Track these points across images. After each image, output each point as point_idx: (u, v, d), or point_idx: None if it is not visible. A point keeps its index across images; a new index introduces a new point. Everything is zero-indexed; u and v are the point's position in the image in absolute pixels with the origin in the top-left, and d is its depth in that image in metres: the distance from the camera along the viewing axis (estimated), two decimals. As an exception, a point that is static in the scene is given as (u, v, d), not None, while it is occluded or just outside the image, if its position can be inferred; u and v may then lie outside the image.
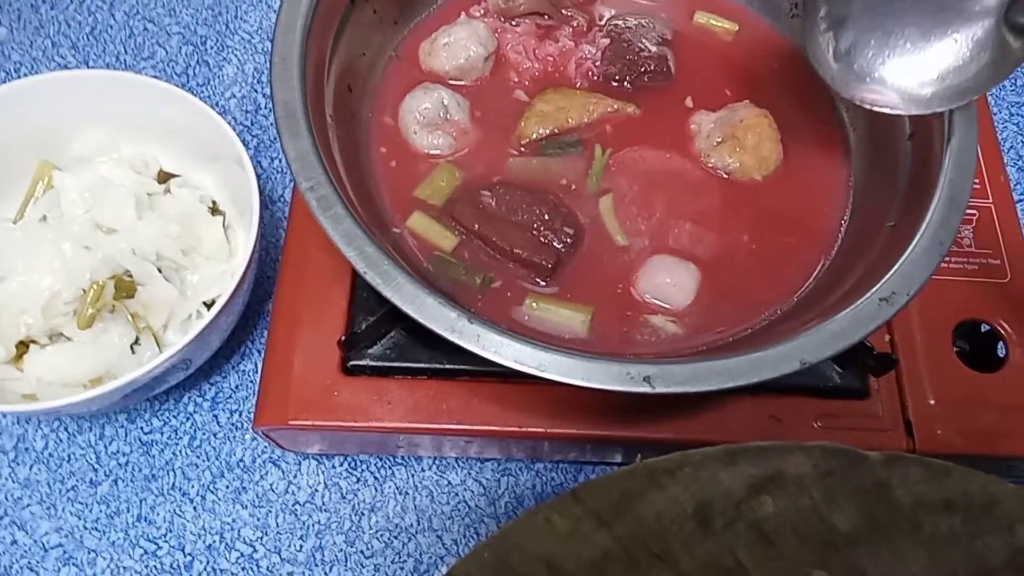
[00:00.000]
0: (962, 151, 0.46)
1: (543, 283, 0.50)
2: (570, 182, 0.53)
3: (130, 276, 0.57)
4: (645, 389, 0.38)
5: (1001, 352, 0.54)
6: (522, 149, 0.54)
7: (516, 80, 0.56)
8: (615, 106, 0.55)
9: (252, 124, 0.71)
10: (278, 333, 0.52)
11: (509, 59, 0.57)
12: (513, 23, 0.58)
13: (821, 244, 0.52)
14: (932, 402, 0.52)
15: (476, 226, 0.50)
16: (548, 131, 0.54)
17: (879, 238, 0.48)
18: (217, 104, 0.72)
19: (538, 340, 0.41)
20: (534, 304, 0.49)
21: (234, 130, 0.56)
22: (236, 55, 0.74)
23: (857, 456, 0.28)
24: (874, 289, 0.42)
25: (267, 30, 0.76)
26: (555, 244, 0.50)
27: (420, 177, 0.53)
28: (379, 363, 0.51)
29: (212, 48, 0.75)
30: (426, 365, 0.51)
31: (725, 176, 0.54)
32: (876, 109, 0.48)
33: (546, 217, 0.50)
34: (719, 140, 0.54)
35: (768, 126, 0.54)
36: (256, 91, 0.73)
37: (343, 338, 0.50)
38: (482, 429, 0.50)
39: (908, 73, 0.47)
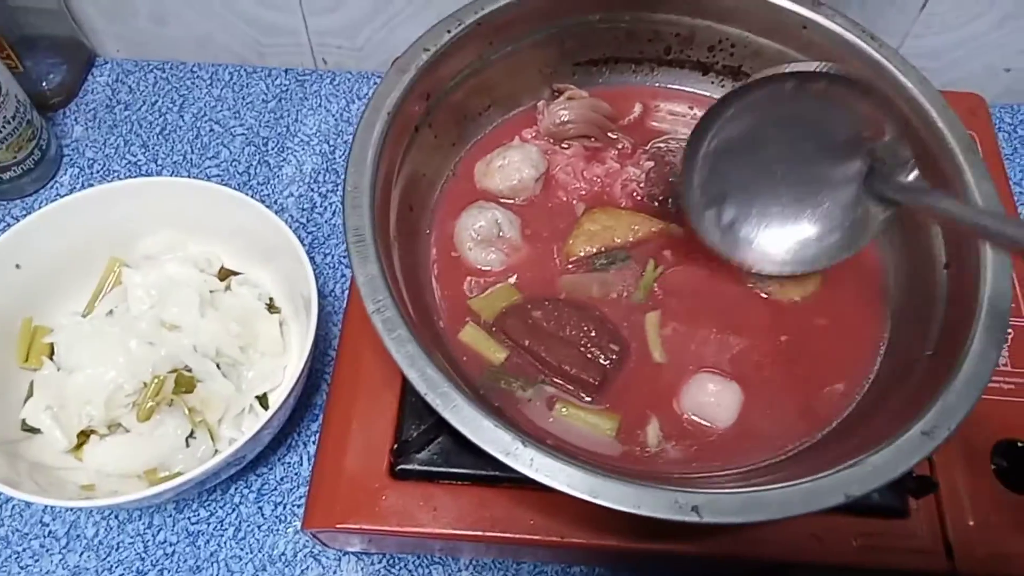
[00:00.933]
0: (997, 284, 0.48)
1: (588, 399, 0.52)
2: (619, 293, 0.55)
3: (190, 372, 0.59)
4: (693, 519, 0.40)
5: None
6: (569, 266, 0.56)
7: (565, 199, 0.59)
8: (659, 226, 0.57)
9: (307, 221, 0.75)
10: (330, 436, 0.54)
11: (558, 179, 0.60)
12: (563, 145, 0.61)
13: (859, 368, 0.53)
14: (971, 523, 0.52)
15: (526, 341, 0.52)
16: (595, 249, 0.56)
17: (918, 366, 0.49)
18: (276, 202, 0.76)
19: (570, 451, 0.42)
20: (564, 410, 0.51)
21: (290, 227, 0.59)
22: (295, 156, 0.79)
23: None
24: (916, 422, 0.43)
25: (325, 133, 0.80)
26: (601, 360, 0.51)
27: (474, 291, 0.55)
28: (426, 468, 0.52)
29: (273, 149, 0.79)
30: (471, 471, 0.52)
31: (765, 295, 0.56)
32: (760, 271, 0.54)
33: (593, 334, 0.52)
34: (758, 260, 0.57)
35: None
36: (312, 190, 0.77)
37: (395, 446, 0.51)
38: (525, 538, 0.51)
39: (789, 237, 0.53)
